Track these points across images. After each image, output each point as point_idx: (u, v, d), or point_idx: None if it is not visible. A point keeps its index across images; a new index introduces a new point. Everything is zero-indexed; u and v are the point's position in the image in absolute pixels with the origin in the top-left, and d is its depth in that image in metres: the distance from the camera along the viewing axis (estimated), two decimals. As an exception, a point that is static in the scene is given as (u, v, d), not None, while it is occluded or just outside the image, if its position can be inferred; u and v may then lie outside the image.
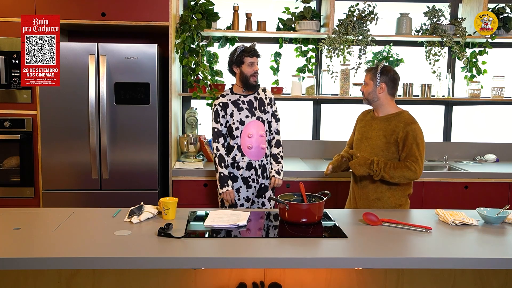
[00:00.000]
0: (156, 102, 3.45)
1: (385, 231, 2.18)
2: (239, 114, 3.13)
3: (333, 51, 3.78)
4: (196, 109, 4.02)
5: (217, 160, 3.12)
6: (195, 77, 3.82)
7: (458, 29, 3.90)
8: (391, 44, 4.14)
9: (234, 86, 3.22)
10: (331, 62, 3.81)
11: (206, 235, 2.14)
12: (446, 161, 4.11)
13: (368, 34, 3.80)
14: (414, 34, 4.00)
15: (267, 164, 3.21)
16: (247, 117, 3.14)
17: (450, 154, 4.24)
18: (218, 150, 3.13)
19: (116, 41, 3.67)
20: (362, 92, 2.80)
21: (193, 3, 3.77)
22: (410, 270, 2.16)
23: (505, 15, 3.94)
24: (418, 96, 4.12)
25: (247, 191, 3.16)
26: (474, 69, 4.13)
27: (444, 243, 2.06)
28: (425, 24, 4.01)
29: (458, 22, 3.93)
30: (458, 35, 3.88)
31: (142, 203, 2.40)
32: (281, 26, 4.01)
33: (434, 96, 4.12)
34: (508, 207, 2.36)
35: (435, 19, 3.96)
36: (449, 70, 4.26)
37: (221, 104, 3.15)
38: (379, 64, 2.77)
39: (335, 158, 2.95)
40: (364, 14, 3.83)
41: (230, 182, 3.10)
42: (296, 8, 3.99)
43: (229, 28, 3.96)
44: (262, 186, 3.20)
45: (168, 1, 3.48)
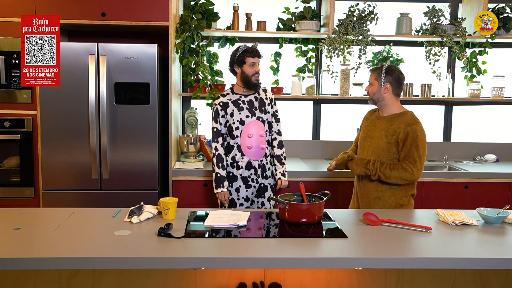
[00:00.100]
0: (156, 102, 3.45)
1: (385, 231, 2.18)
2: (239, 114, 3.13)
3: (333, 51, 3.78)
4: (196, 109, 4.02)
5: (215, 160, 3.12)
6: (195, 77, 3.82)
7: (458, 29, 3.90)
8: (391, 44, 4.14)
9: (234, 85, 3.22)
10: (331, 62, 3.81)
11: (206, 235, 2.14)
12: (446, 161, 4.11)
13: (368, 34, 3.80)
14: (414, 34, 4.00)
15: (267, 164, 3.22)
16: (247, 117, 3.14)
17: (450, 154, 4.24)
18: (216, 150, 3.13)
19: (116, 41, 3.66)
20: (367, 92, 2.81)
21: (193, 3, 3.77)
22: (410, 270, 2.16)
23: (505, 15, 3.94)
24: (418, 96, 4.12)
25: (247, 191, 3.16)
26: (474, 69, 4.13)
27: (444, 243, 2.06)
28: (425, 24, 4.01)
29: (458, 22, 3.93)
30: (458, 35, 3.88)
31: (142, 203, 2.40)
32: (281, 26, 4.00)
33: (434, 96, 4.12)
34: (508, 207, 2.36)
35: (435, 19, 3.95)
36: (449, 70, 4.26)
37: (221, 103, 3.15)
38: (384, 64, 2.76)
39: (341, 155, 2.95)
40: (364, 14, 3.83)
41: (226, 183, 3.11)
42: (296, 8, 3.98)
43: (229, 28, 3.96)
44: (262, 186, 3.20)
45: (168, 1, 3.48)
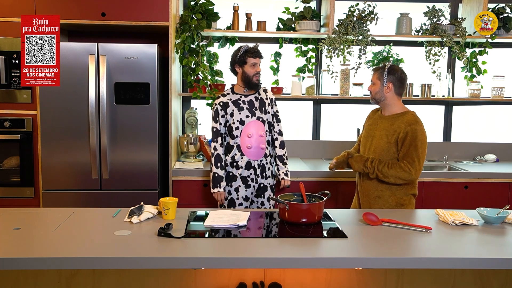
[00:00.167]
0: (156, 102, 3.45)
1: (385, 231, 2.18)
2: (239, 113, 3.13)
3: (333, 51, 3.78)
4: (196, 109, 4.02)
5: (213, 159, 3.13)
6: (195, 77, 3.82)
7: (458, 29, 3.90)
8: (391, 44, 4.14)
9: (235, 85, 3.22)
10: (331, 62, 3.81)
11: (206, 235, 2.14)
12: (446, 161, 4.11)
13: (368, 34, 3.80)
14: (414, 34, 4.00)
15: (267, 164, 3.22)
16: (247, 117, 3.14)
17: (450, 154, 4.24)
18: (215, 149, 3.14)
19: (116, 41, 3.66)
20: (369, 91, 2.81)
21: (193, 3, 3.77)
22: (410, 270, 2.16)
23: (505, 15, 3.93)
24: (418, 96, 4.12)
25: (246, 191, 3.16)
26: (474, 69, 4.12)
27: (444, 243, 2.06)
28: (425, 24, 4.01)
29: (458, 22, 3.93)
30: (458, 35, 3.88)
31: (142, 203, 2.40)
32: (281, 26, 4.00)
33: (434, 96, 4.12)
34: (508, 207, 2.36)
35: (435, 19, 3.95)
36: (449, 70, 4.26)
37: (221, 103, 3.15)
38: (387, 63, 2.77)
39: (342, 153, 2.95)
40: (364, 14, 3.83)
41: (223, 183, 3.12)
42: (296, 8, 3.98)
43: (229, 28, 3.96)
44: (261, 186, 3.20)
45: (168, 1, 3.47)
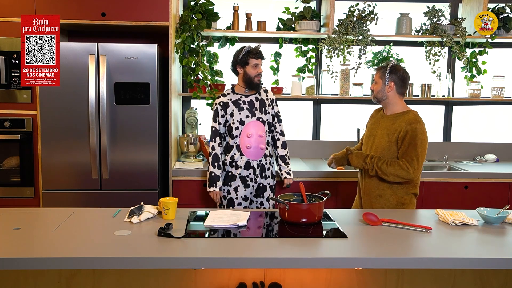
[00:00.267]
0: (156, 102, 3.45)
1: (385, 231, 2.18)
2: (239, 114, 3.13)
3: (333, 51, 3.78)
4: (196, 109, 4.02)
5: (211, 159, 3.14)
6: (195, 77, 3.82)
7: (458, 29, 3.90)
8: (391, 44, 4.14)
9: (236, 85, 3.22)
10: (331, 62, 3.81)
11: (206, 235, 2.14)
12: (446, 161, 4.11)
13: (368, 34, 3.80)
14: (414, 34, 4.00)
15: (266, 164, 3.22)
16: (247, 117, 3.14)
17: (450, 154, 4.24)
18: (213, 149, 3.15)
19: (116, 41, 3.66)
20: (371, 90, 2.82)
21: (193, 3, 3.76)
22: (410, 270, 2.16)
23: (505, 15, 3.93)
24: (418, 96, 4.12)
25: (245, 190, 3.16)
26: (474, 69, 4.12)
27: (444, 243, 2.06)
28: (425, 24, 4.01)
29: (458, 22, 3.93)
30: (458, 35, 3.88)
31: (142, 203, 2.40)
32: (281, 26, 4.00)
33: (434, 96, 4.12)
34: (508, 207, 2.36)
35: (435, 19, 3.95)
36: (449, 70, 4.26)
37: (221, 103, 3.16)
38: (389, 62, 2.77)
39: (342, 150, 2.95)
40: (364, 14, 3.83)
41: (219, 183, 3.13)
42: (296, 8, 3.98)
43: (229, 28, 3.96)
44: (261, 186, 3.20)
45: (168, 1, 3.47)
